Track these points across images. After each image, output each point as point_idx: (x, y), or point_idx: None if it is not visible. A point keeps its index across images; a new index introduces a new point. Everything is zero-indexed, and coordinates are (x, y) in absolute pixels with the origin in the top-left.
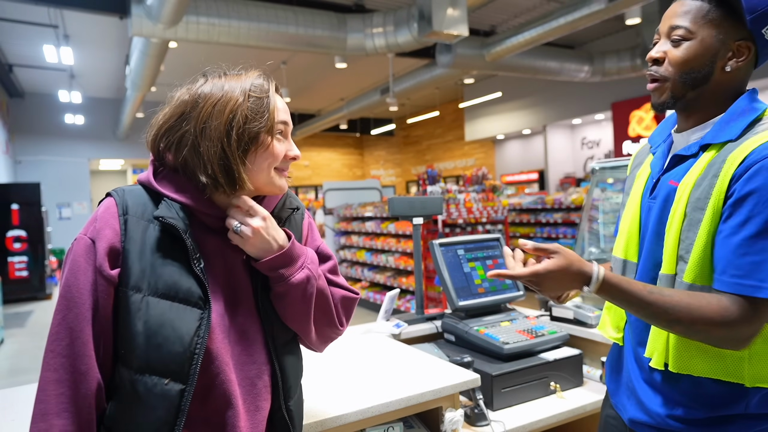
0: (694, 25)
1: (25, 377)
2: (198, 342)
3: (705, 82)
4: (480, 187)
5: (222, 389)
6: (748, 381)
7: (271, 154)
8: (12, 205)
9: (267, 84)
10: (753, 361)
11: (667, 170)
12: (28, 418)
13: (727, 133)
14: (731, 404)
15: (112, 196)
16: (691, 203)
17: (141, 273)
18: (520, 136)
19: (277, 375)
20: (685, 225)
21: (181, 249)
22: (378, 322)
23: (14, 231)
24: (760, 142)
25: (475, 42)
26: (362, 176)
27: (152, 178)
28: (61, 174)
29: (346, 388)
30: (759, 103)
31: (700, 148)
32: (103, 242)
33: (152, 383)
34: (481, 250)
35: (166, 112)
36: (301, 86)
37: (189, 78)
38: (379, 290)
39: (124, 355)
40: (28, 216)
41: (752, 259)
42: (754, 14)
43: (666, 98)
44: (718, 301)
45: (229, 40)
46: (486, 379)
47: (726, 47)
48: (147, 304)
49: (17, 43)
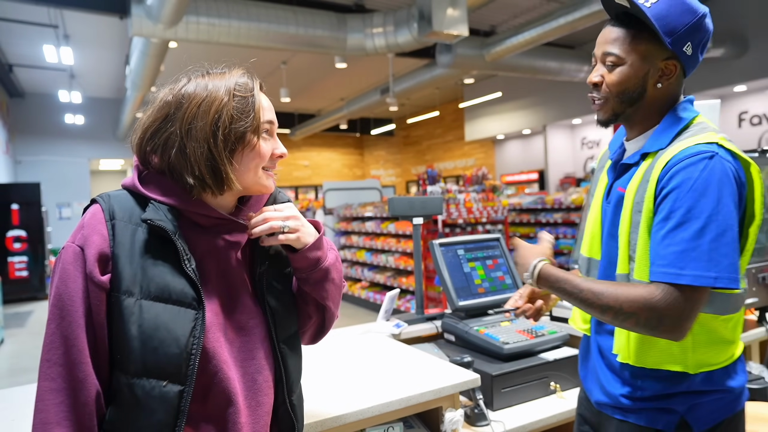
0: (623, 51)
1: (25, 377)
2: (194, 342)
3: (640, 99)
4: (480, 187)
5: (221, 387)
6: (691, 369)
7: (258, 153)
8: (12, 205)
9: (251, 82)
10: (696, 350)
11: (618, 177)
12: (28, 418)
13: (660, 142)
14: (676, 385)
15: (97, 202)
16: (633, 207)
17: (132, 277)
18: (520, 136)
19: (281, 369)
20: (631, 228)
21: (171, 250)
22: (378, 322)
23: (14, 231)
24: (681, 147)
25: (475, 42)
26: (362, 176)
27: (137, 182)
28: (61, 174)
29: (346, 388)
30: (687, 113)
31: (641, 157)
32: (92, 249)
33: (150, 386)
34: (481, 250)
35: (149, 114)
36: (301, 86)
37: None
38: (379, 290)
39: (120, 360)
40: (28, 216)
41: (674, 249)
42: (672, 36)
43: (608, 116)
44: (645, 287)
45: (229, 40)
46: (486, 379)
47: (655, 67)
48: (140, 307)
49: (17, 43)
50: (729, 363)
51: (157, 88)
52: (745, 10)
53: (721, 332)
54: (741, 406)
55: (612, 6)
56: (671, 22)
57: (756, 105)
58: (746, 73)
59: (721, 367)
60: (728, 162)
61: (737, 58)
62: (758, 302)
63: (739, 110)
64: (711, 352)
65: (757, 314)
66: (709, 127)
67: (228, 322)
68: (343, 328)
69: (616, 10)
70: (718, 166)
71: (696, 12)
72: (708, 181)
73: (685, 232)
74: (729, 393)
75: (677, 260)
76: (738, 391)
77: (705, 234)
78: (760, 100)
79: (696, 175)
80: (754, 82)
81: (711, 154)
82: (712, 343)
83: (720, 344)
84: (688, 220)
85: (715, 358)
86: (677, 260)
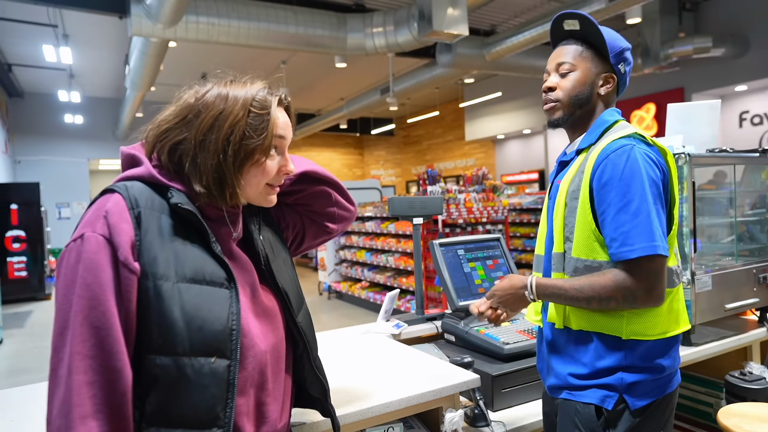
0: (575, 60)
1: (24, 377)
2: (233, 319)
3: (588, 102)
4: (480, 187)
5: (256, 361)
6: (624, 334)
7: (263, 171)
8: (11, 205)
9: (270, 98)
10: (631, 319)
11: (557, 174)
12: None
13: (590, 139)
14: (609, 356)
15: (117, 192)
16: (568, 194)
17: (166, 262)
18: (521, 136)
19: (305, 341)
20: (567, 212)
21: (196, 234)
22: (378, 322)
23: (13, 231)
24: (607, 142)
25: (475, 42)
26: (362, 176)
27: (154, 171)
28: (61, 174)
29: (346, 388)
30: (611, 117)
31: (576, 153)
32: (123, 236)
33: (199, 365)
34: (481, 250)
35: (171, 113)
36: (301, 86)
37: (188, 78)
38: (379, 290)
39: (163, 343)
40: (28, 216)
41: (622, 230)
42: (612, 53)
43: (559, 116)
44: (609, 272)
45: (228, 39)
46: (486, 380)
47: (599, 77)
48: (179, 290)
49: (17, 42)
50: (662, 338)
51: (185, 87)
52: (746, 10)
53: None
54: (672, 388)
55: (560, 33)
56: (613, 43)
57: (757, 105)
58: (747, 72)
59: (652, 340)
60: (645, 150)
61: (738, 58)
62: (758, 302)
63: (739, 110)
64: (644, 322)
65: (758, 314)
66: (629, 126)
67: (253, 303)
68: (343, 329)
69: (563, 34)
70: (638, 154)
71: (625, 42)
72: (633, 170)
73: (626, 215)
74: (661, 372)
75: (627, 239)
76: (669, 372)
77: (640, 212)
78: (760, 99)
79: (622, 165)
80: (755, 82)
81: (631, 146)
82: (643, 313)
83: (652, 316)
84: (626, 204)
85: (647, 329)
86: (627, 239)
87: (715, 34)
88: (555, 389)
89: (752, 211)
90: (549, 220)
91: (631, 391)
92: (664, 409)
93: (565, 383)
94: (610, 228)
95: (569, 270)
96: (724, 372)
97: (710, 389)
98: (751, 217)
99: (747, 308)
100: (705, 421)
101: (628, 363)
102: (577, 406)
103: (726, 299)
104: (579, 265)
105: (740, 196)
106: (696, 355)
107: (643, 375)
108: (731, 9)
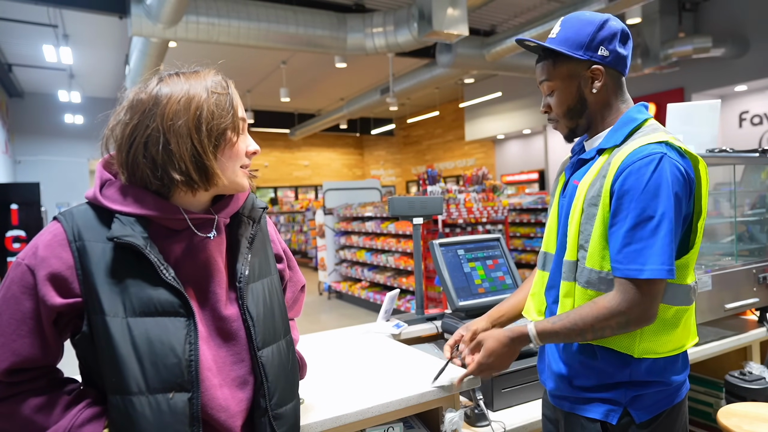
0: (551, 76)
1: None
2: (191, 349)
3: (585, 108)
4: (480, 187)
5: (209, 394)
6: (636, 353)
7: (236, 152)
8: (11, 205)
9: (225, 81)
10: (644, 337)
11: (574, 172)
12: None
13: (614, 139)
14: (616, 374)
15: (60, 222)
16: (587, 200)
17: (112, 296)
18: (520, 136)
19: (261, 377)
20: (583, 218)
21: (146, 262)
22: (378, 322)
23: (13, 231)
24: (634, 147)
25: (475, 42)
26: (362, 176)
27: (99, 195)
28: (61, 174)
29: (345, 388)
30: (640, 115)
31: (597, 152)
32: (44, 271)
33: (156, 402)
34: (481, 251)
35: (124, 113)
36: (301, 86)
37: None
38: (379, 290)
39: (116, 382)
40: (28, 216)
41: (636, 246)
42: (582, 49)
43: (565, 132)
44: (603, 299)
45: (228, 39)
46: (486, 380)
47: (583, 78)
48: (128, 326)
49: (17, 42)
50: (673, 354)
51: (122, 91)
52: (746, 10)
53: (669, 322)
54: (681, 397)
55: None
56: (576, 40)
57: (757, 105)
58: (747, 72)
59: (664, 357)
60: (676, 161)
61: (738, 58)
62: (758, 302)
63: (739, 110)
64: (657, 340)
65: (758, 314)
66: (660, 128)
67: (212, 329)
68: (343, 329)
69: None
70: (667, 166)
71: (594, 21)
72: (659, 183)
73: (643, 231)
74: (669, 385)
75: (638, 257)
76: (679, 383)
77: (659, 232)
78: (760, 99)
79: (648, 176)
80: (755, 82)
81: (660, 155)
82: (658, 332)
83: (666, 334)
84: (645, 219)
85: (660, 347)
86: (638, 257)
87: (714, 34)
88: (557, 398)
89: (752, 211)
90: (562, 222)
91: (635, 404)
92: (674, 419)
93: (569, 393)
94: (622, 241)
95: (582, 281)
96: (724, 372)
97: (710, 389)
98: (751, 217)
99: (747, 308)
100: (705, 421)
101: (634, 378)
102: (582, 421)
103: (726, 299)
104: (593, 277)
105: (740, 196)
106: (696, 355)
107: (649, 389)
108: (731, 9)
